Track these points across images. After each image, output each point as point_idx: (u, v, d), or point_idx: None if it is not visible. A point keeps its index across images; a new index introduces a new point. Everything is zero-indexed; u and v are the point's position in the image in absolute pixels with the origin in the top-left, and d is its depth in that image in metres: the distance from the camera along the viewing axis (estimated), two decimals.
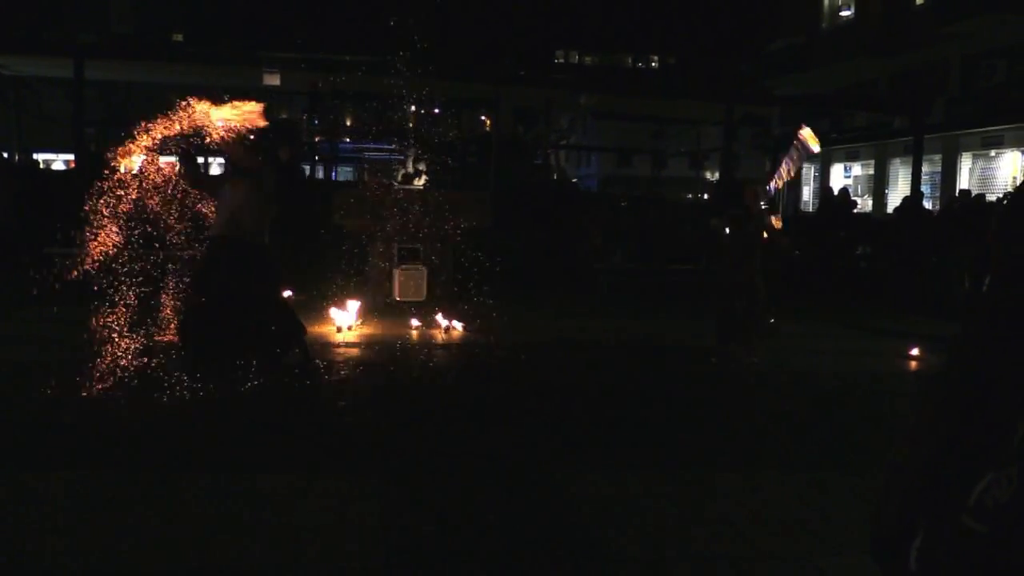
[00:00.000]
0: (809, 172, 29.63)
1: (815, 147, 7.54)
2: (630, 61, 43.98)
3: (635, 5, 38.43)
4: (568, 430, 5.58)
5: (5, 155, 15.97)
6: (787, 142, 8.23)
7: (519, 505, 4.23)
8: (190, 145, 6.43)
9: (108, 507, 3.96)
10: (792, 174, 7.84)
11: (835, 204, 16.10)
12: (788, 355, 8.39)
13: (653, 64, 44.20)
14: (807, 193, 29.49)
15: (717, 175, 26.20)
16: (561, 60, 41.99)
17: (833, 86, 27.22)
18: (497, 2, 32.34)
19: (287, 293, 8.68)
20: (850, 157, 27.57)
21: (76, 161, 15.58)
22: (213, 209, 6.81)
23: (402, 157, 11.04)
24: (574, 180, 33.46)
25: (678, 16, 38.31)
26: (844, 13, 26.33)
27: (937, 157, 22.84)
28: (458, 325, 9.16)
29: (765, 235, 7.78)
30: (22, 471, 4.38)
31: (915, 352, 8.62)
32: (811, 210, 26.39)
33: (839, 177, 27.26)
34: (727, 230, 8.02)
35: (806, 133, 7.50)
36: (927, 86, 23.06)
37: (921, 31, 22.17)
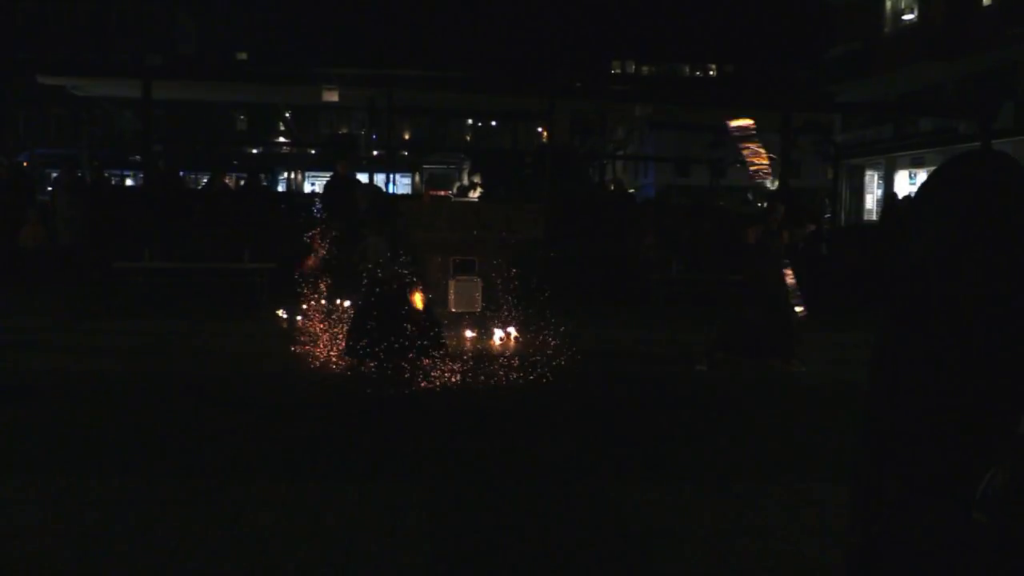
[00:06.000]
0: (872, 180, 28.99)
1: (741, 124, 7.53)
2: (687, 70, 43.72)
3: (691, 14, 38.20)
4: (618, 441, 5.57)
5: (79, 173, 16.57)
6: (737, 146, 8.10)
7: (566, 514, 4.24)
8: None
9: (163, 514, 4.10)
10: (760, 162, 7.78)
11: (898, 212, 15.73)
12: (842, 365, 8.25)
13: (711, 72, 43.86)
14: (870, 201, 28.85)
15: (777, 183, 25.88)
16: (617, 71, 41.91)
17: (896, 91, 26.61)
18: (553, 14, 32.48)
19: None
20: (915, 164, 26.87)
21: (145, 177, 16.08)
22: None
23: (458, 169, 11.17)
24: (631, 191, 33.31)
25: (735, 24, 37.98)
26: (907, 17, 25.75)
27: None
28: (513, 336, 9.20)
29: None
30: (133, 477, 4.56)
31: None
32: (874, 218, 25.82)
33: (904, 184, 26.58)
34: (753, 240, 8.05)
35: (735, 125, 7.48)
36: (995, 89, 22.39)
37: (988, 32, 21.56)
